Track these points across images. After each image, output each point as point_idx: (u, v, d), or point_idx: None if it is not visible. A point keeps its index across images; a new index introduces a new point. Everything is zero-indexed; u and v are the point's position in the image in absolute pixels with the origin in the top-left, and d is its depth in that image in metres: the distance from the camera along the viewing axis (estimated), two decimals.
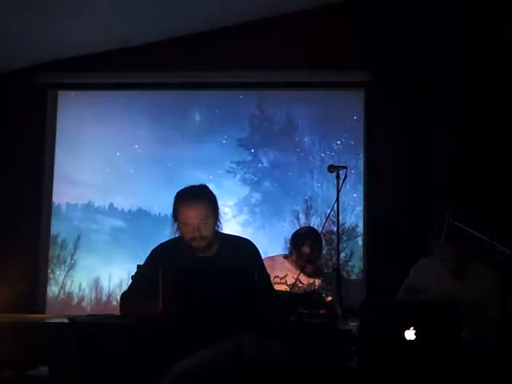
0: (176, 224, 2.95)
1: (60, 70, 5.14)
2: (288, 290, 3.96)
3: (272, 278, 3.54)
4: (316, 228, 4.44)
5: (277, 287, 3.62)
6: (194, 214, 2.86)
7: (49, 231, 5.19)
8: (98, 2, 4.35)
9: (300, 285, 4.07)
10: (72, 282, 5.23)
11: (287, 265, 4.15)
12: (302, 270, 3.94)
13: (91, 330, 2.57)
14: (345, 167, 3.48)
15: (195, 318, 2.48)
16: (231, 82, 5.17)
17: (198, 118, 5.30)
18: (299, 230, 4.31)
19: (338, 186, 3.42)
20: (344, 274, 4.85)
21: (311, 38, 4.94)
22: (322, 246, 4.22)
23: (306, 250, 4.06)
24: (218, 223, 2.97)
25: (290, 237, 4.27)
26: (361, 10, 4.83)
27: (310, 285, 4.10)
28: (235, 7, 4.77)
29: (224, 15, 4.86)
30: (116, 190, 5.26)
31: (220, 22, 4.94)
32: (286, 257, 4.21)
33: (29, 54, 5.00)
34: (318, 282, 4.12)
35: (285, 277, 4.08)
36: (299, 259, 4.06)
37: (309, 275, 4.08)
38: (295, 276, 3.96)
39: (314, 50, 4.92)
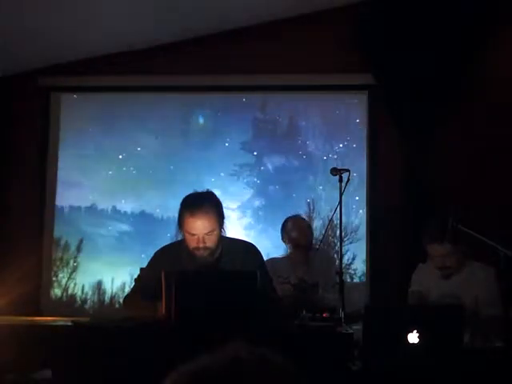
0: (180, 231, 2.94)
1: (63, 73, 5.14)
2: (292, 289, 3.96)
3: (275, 278, 3.54)
4: (319, 231, 4.44)
5: (280, 287, 3.62)
6: (201, 227, 2.84)
7: (52, 234, 5.19)
8: (101, 5, 4.36)
9: (304, 284, 4.06)
10: (75, 284, 5.23)
11: (290, 264, 4.16)
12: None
13: (93, 332, 2.57)
14: (347, 170, 3.47)
15: (197, 320, 2.48)
16: (234, 85, 5.18)
17: (201, 120, 5.30)
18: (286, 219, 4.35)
19: (340, 189, 3.41)
20: (347, 277, 4.85)
21: (313, 42, 4.93)
22: (311, 232, 4.30)
23: (293, 234, 4.14)
24: (222, 231, 2.96)
25: None
26: (362, 13, 4.83)
27: (313, 285, 4.09)
28: (236, 11, 4.78)
29: (226, 19, 4.87)
30: (119, 193, 5.26)
31: (222, 26, 4.95)
32: (289, 257, 4.22)
33: (32, 57, 5.00)
34: (321, 284, 4.12)
35: (288, 277, 4.08)
36: (290, 245, 4.14)
37: (299, 263, 4.12)
38: (298, 276, 3.96)
39: (316, 54, 4.92)
